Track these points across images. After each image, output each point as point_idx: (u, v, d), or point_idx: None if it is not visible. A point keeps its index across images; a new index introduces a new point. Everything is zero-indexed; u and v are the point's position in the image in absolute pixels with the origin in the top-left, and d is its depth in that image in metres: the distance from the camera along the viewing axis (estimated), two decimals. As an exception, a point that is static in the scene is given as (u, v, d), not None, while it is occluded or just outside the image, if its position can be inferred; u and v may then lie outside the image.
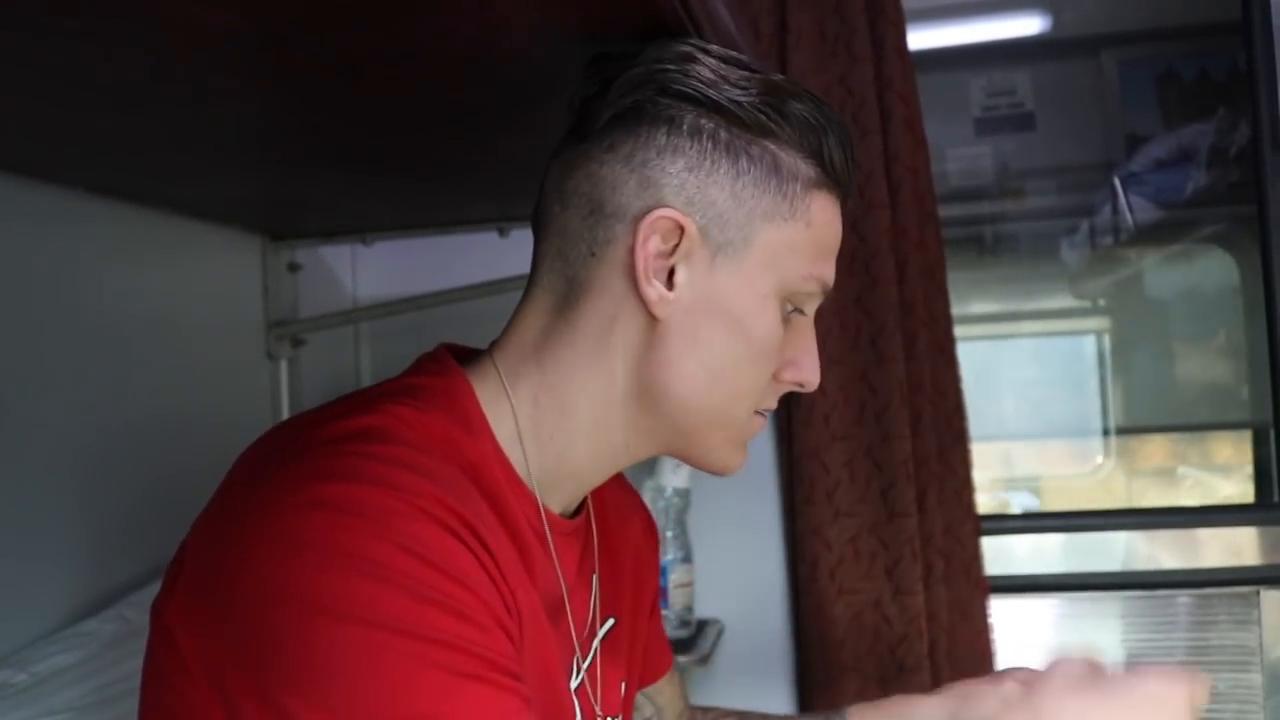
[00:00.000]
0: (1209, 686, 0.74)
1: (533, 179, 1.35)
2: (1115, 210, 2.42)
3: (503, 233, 1.68)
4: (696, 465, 0.82)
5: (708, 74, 0.73)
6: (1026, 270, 2.72)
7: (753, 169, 0.73)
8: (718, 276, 0.74)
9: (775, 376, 0.79)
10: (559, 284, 0.77)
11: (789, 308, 0.77)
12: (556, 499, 0.80)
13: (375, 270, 1.83)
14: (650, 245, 0.72)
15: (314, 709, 0.57)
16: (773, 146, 0.74)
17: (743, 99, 0.72)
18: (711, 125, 0.73)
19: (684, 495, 1.63)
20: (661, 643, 1.09)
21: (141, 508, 1.37)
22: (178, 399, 1.45)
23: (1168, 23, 2.35)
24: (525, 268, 1.63)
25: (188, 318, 1.49)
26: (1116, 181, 2.38)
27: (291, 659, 0.58)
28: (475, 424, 0.74)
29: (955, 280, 1.70)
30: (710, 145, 0.73)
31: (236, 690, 0.60)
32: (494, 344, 0.80)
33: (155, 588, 1.33)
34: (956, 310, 1.69)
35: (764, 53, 1.64)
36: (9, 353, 1.17)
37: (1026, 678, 0.85)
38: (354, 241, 1.77)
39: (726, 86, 0.72)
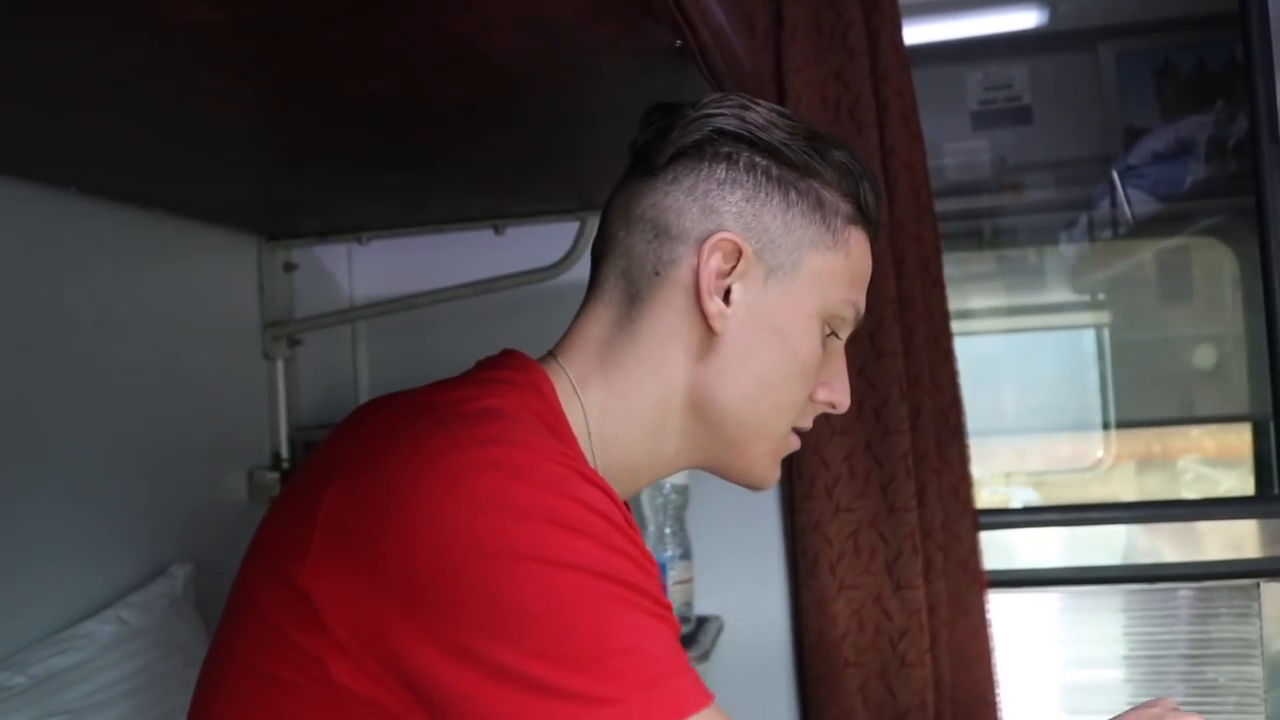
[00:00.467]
0: None
1: (526, 176, 1.35)
2: (1114, 203, 2.42)
3: (498, 230, 1.67)
4: (737, 479, 0.89)
5: (760, 119, 0.81)
6: (1025, 264, 2.72)
7: (801, 202, 0.82)
8: (769, 296, 0.82)
9: (811, 397, 0.86)
10: (622, 300, 0.84)
11: (827, 330, 0.85)
12: None
13: (371, 269, 1.82)
14: (712, 264, 0.80)
15: (519, 650, 0.60)
16: (817, 185, 0.83)
17: (791, 142, 0.81)
18: (765, 163, 0.82)
19: (682, 492, 1.63)
20: None
21: (139, 508, 1.37)
22: (175, 400, 1.45)
23: (1165, 14, 2.35)
24: (521, 265, 1.65)
25: (184, 319, 1.49)
26: (1114, 175, 2.38)
27: (494, 607, 0.61)
28: (561, 418, 0.81)
29: (954, 275, 1.70)
30: (764, 180, 0.81)
31: (408, 642, 0.62)
32: (554, 351, 0.86)
33: (154, 589, 1.34)
34: (955, 305, 1.69)
35: (759, 47, 1.63)
36: (5, 355, 1.17)
37: None
38: (349, 241, 1.77)
39: (776, 131, 0.81)
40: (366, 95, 0.92)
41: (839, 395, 0.88)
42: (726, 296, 0.81)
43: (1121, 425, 2.76)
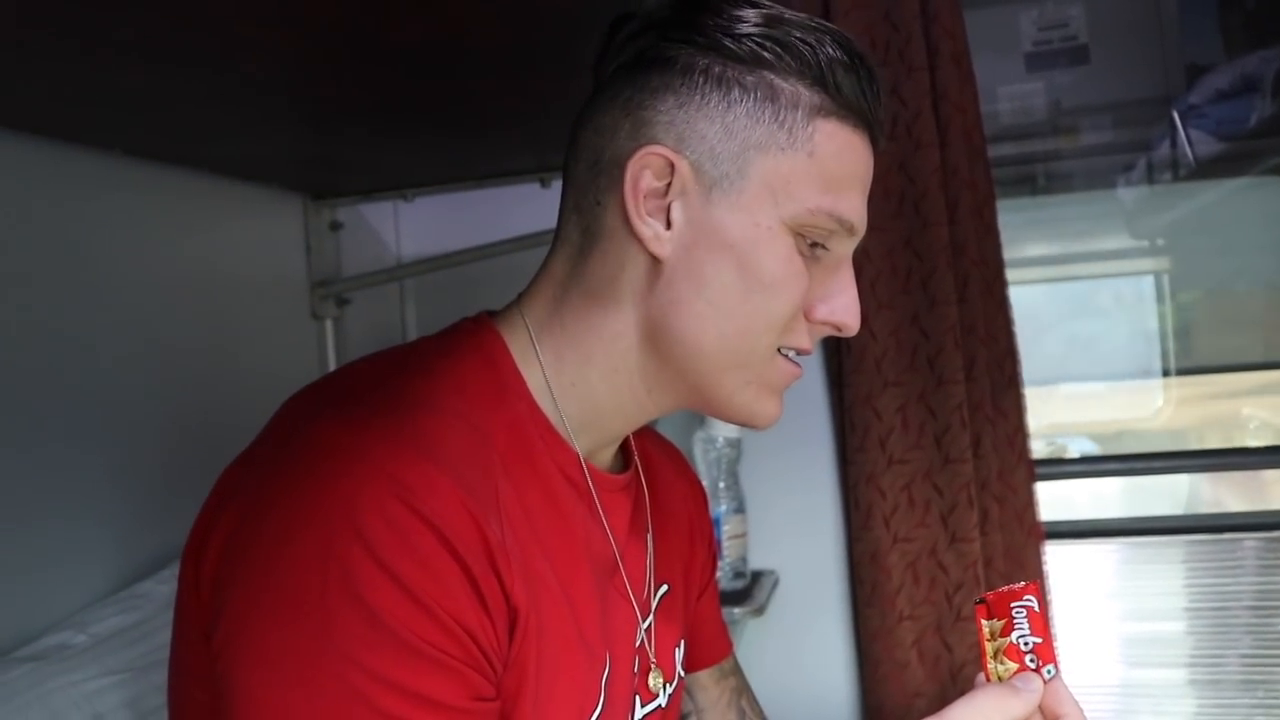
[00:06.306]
0: None
1: (569, 126, 1.33)
2: (1174, 145, 2.34)
3: (544, 183, 1.66)
4: (726, 417, 0.80)
5: (704, 14, 0.73)
6: (1082, 210, 2.65)
7: (745, 99, 0.72)
8: (715, 211, 0.73)
9: (807, 316, 0.77)
10: (576, 236, 0.78)
11: (807, 242, 0.74)
12: (585, 444, 0.79)
13: (418, 226, 1.82)
14: (642, 183, 0.72)
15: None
16: (770, 75, 0.72)
17: (738, 31, 0.72)
18: (705, 61, 0.72)
19: (735, 445, 1.61)
20: (716, 628, 1.07)
21: (192, 468, 1.38)
22: (224, 361, 1.46)
23: (1228, -56, 2.26)
24: (567, 219, 1.61)
25: (232, 279, 1.50)
26: (1175, 115, 2.30)
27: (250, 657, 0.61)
28: (510, 382, 0.76)
29: (1008, 223, 1.65)
30: (701, 80, 0.72)
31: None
32: (522, 296, 0.81)
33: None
34: (1010, 254, 1.65)
35: (806, -10, 1.59)
36: (58, 317, 1.18)
37: None
38: (395, 198, 1.77)
39: (722, 22, 0.72)
40: (405, 43, 0.90)
41: (841, 313, 0.77)
42: (669, 219, 0.73)
43: (1182, 372, 2.70)
